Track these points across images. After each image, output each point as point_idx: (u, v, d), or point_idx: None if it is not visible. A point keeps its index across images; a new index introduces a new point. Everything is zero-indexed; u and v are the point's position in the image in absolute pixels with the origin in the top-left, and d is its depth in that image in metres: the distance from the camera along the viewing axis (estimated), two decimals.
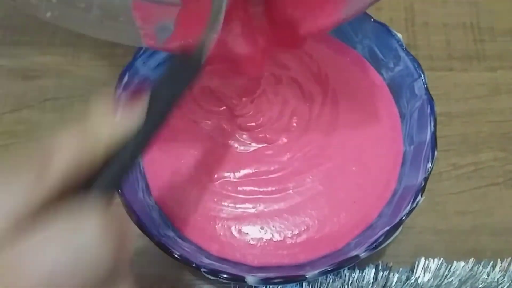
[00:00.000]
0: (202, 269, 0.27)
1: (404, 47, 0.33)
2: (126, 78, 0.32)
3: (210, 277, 0.28)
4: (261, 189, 0.32)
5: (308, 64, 0.36)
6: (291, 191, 0.32)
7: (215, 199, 0.32)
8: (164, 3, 0.24)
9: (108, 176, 0.19)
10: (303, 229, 0.31)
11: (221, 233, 0.31)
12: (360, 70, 0.36)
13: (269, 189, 0.32)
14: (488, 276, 0.32)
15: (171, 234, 0.30)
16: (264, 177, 0.33)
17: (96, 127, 0.19)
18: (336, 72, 0.36)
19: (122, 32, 0.26)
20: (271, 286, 0.31)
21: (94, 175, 0.19)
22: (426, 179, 0.29)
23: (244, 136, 0.34)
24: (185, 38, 0.25)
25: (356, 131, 0.34)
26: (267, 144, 0.34)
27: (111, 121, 0.19)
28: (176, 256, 0.27)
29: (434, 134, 0.30)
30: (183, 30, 0.25)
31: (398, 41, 0.33)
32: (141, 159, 0.33)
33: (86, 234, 0.17)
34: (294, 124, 0.34)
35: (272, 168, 0.33)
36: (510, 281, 0.31)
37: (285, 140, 0.34)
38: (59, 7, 0.23)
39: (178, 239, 0.30)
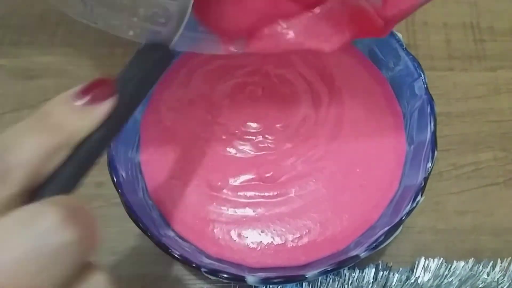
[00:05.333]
0: (202, 269, 0.27)
1: (404, 46, 0.33)
2: None
3: (210, 276, 0.28)
4: (262, 194, 0.32)
5: (314, 63, 0.35)
6: (293, 194, 0.32)
7: (214, 203, 0.31)
8: None
9: (66, 174, 0.17)
10: (304, 232, 0.31)
11: (220, 237, 0.31)
12: (364, 68, 0.35)
13: (271, 193, 0.32)
14: (488, 276, 0.32)
15: (171, 234, 0.30)
16: (265, 182, 0.32)
17: (59, 118, 0.17)
18: (341, 71, 0.35)
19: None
20: (271, 286, 0.31)
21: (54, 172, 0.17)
22: (426, 179, 0.29)
23: (245, 146, 0.33)
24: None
25: (361, 132, 0.33)
26: (270, 152, 0.33)
27: (76, 110, 0.18)
28: (176, 256, 0.27)
29: (434, 134, 0.30)
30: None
31: (398, 40, 0.33)
32: (138, 158, 0.33)
33: (45, 222, 0.15)
34: (301, 131, 0.34)
35: (275, 173, 0.32)
36: (510, 281, 0.31)
37: (289, 145, 0.33)
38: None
39: (178, 239, 0.30)
